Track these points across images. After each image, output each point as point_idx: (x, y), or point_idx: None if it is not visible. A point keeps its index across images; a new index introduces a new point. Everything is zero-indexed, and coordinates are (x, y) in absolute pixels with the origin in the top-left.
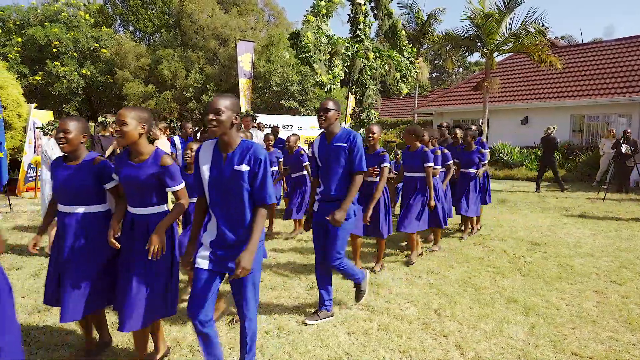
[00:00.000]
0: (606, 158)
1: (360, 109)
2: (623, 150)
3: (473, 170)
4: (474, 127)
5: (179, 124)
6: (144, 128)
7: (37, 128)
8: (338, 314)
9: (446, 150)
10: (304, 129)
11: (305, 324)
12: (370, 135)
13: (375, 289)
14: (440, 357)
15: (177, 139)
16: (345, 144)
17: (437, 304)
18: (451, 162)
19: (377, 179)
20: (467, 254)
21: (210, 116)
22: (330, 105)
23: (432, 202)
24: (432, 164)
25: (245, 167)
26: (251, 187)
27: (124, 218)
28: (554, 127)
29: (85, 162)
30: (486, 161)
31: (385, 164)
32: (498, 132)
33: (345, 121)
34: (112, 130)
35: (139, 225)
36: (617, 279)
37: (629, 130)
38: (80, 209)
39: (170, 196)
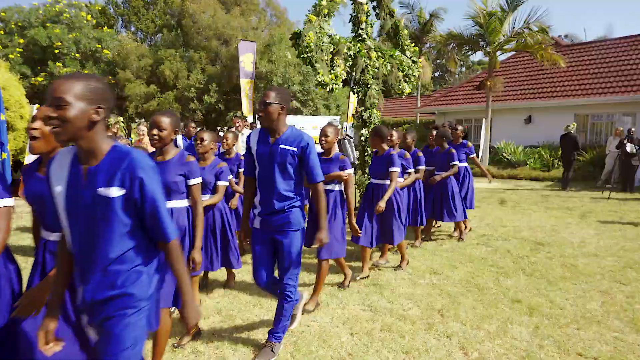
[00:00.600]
0: (611, 157)
1: (362, 108)
2: (628, 149)
3: (446, 173)
4: (460, 128)
5: (182, 123)
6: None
7: None
8: (340, 315)
9: (420, 153)
10: (305, 129)
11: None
12: (323, 138)
13: (378, 289)
14: (443, 357)
15: (180, 138)
16: (294, 149)
17: (441, 305)
18: (422, 167)
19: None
20: (471, 254)
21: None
22: (272, 97)
23: (382, 205)
24: (397, 169)
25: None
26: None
27: None
28: (573, 125)
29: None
30: (456, 162)
31: (348, 171)
32: (501, 132)
33: (347, 121)
34: (114, 130)
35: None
36: (622, 279)
37: (633, 129)
38: None
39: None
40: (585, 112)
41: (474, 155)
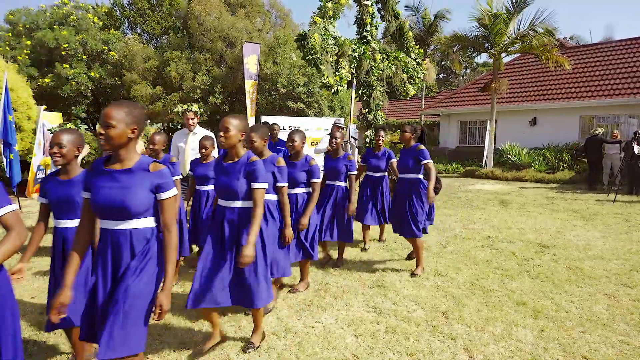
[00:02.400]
0: (608, 159)
1: (367, 110)
2: (636, 151)
3: (380, 174)
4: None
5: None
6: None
7: (47, 130)
8: (345, 316)
9: (352, 158)
10: (310, 130)
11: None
12: (291, 144)
13: (383, 291)
14: None
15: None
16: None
17: (445, 307)
18: (354, 172)
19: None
20: (475, 256)
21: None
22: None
23: (288, 233)
24: (317, 180)
25: None
26: None
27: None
28: (601, 128)
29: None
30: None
31: (315, 180)
32: (506, 134)
33: (350, 122)
34: None
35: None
36: (628, 282)
37: (639, 131)
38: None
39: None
40: (591, 114)
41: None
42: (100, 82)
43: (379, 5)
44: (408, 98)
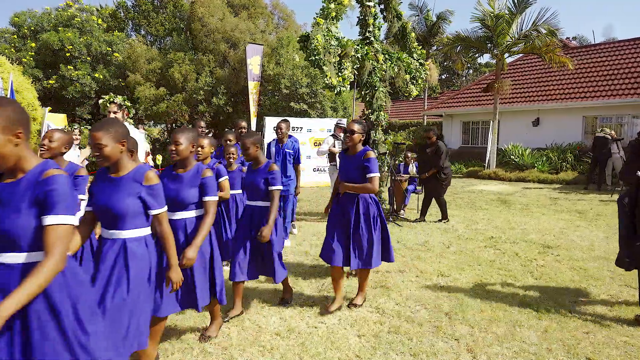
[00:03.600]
0: (610, 160)
1: (369, 111)
2: None
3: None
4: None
5: (192, 124)
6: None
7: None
8: (348, 317)
9: (220, 164)
10: (313, 131)
11: None
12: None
13: (386, 291)
14: None
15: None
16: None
17: (448, 307)
18: (224, 178)
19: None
20: (478, 256)
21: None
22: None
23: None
24: (213, 198)
25: None
26: None
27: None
28: (609, 129)
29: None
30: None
31: (275, 187)
32: (509, 134)
33: None
34: None
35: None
36: (632, 283)
37: None
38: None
39: None
40: (594, 114)
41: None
42: (104, 83)
43: (382, 6)
44: (411, 99)
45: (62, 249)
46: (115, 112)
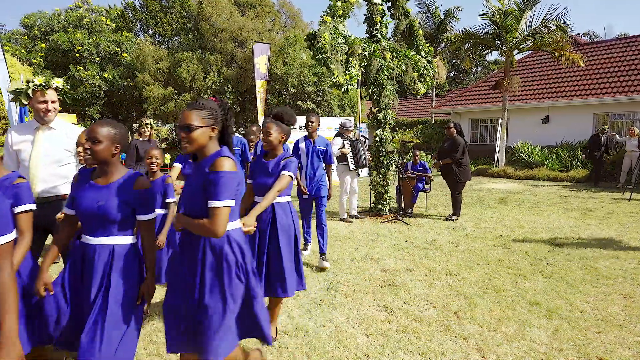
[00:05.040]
0: (628, 157)
1: (377, 109)
2: None
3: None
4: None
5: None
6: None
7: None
8: (356, 315)
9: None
10: (320, 129)
11: None
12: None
13: (394, 290)
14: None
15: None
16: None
17: (457, 306)
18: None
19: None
20: (487, 255)
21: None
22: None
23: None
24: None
25: None
26: None
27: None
28: (607, 127)
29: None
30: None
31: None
32: (518, 132)
33: (359, 121)
34: (145, 131)
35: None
36: None
37: None
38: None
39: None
40: (605, 111)
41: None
42: (113, 83)
43: (389, 4)
44: (418, 97)
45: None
46: (46, 103)
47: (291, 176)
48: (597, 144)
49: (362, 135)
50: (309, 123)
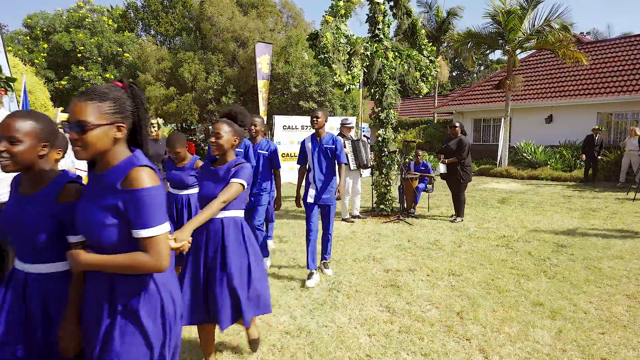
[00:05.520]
0: (627, 156)
1: (379, 109)
2: None
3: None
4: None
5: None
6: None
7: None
8: (358, 316)
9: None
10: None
11: None
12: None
13: (396, 290)
14: None
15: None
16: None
17: (460, 307)
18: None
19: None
20: (490, 255)
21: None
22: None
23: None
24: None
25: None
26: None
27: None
28: (599, 127)
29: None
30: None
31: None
32: (521, 131)
33: (361, 121)
34: (154, 131)
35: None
36: None
37: None
38: None
39: None
40: (609, 110)
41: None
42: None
43: (391, 3)
44: (421, 96)
45: None
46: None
47: (242, 184)
48: (591, 144)
49: (364, 135)
50: (314, 119)
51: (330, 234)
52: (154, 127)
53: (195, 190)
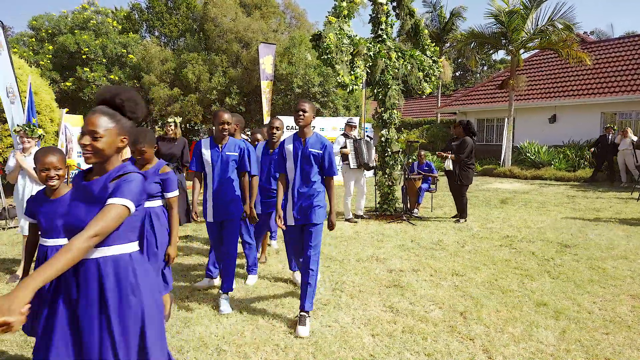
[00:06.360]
0: (621, 156)
1: (382, 109)
2: None
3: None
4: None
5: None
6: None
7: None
8: (362, 316)
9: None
10: (326, 130)
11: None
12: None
13: (400, 290)
14: None
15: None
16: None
17: (463, 307)
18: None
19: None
20: (494, 255)
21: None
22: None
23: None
24: (174, 194)
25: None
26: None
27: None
28: (612, 125)
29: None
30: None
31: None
32: (525, 131)
33: (364, 121)
34: (172, 132)
35: None
36: None
37: None
38: None
39: None
40: (613, 110)
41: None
42: (119, 84)
43: (394, 4)
44: (424, 97)
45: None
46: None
47: (126, 206)
48: (605, 144)
49: (367, 136)
50: (301, 113)
51: (312, 270)
52: (170, 125)
53: (158, 202)
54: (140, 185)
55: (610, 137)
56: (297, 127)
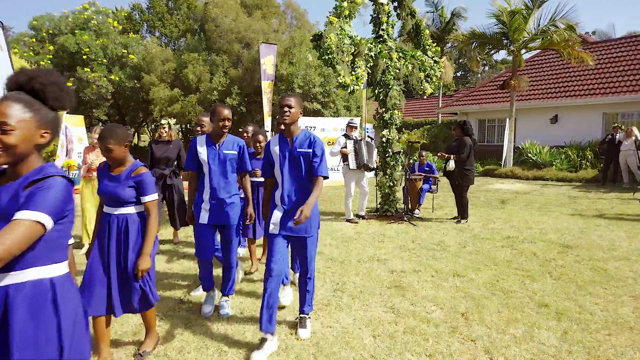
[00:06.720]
0: (623, 156)
1: (383, 109)
2: None
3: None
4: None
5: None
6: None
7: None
8: (363, 317)
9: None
10: (327, 130)
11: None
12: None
13: (401, 291)
14: None
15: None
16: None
17: (464, 308)
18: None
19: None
20: (495, 256)
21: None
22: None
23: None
24: (151, 198)
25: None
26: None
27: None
28: (618, 125)
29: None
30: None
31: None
32: (526, 132)
33: (365, 122)
34: (166, 135)
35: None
36: None
37: None
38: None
39: None
40: (615, 110)
41: None
42: (119, 85)
43: (395, 4)
44: (425, 97)
45: None
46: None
47: (39, 222)
48: (613, 143)
49: (368, 137)
50: (285, 109)
51: (310, 278)
52: (163, 127)
53: (132, 209)
54: (61, 194)
55: (617, 136)
56: (283, 126)
